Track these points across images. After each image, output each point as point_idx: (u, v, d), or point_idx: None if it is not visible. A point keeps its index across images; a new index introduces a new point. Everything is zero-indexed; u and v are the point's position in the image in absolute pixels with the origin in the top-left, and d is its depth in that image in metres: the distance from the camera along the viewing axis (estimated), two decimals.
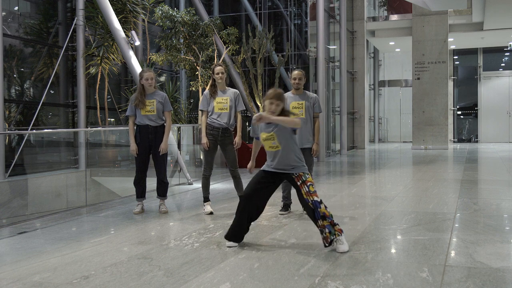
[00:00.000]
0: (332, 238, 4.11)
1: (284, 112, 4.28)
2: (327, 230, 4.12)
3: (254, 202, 4.30)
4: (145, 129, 5.89)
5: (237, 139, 5.92)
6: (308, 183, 4.25)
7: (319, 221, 4.15)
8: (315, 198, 4.19)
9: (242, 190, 5.92)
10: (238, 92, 5.99)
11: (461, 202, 6.43)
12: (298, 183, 4.25)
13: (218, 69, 5.77)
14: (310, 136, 5.70)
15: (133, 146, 5.92)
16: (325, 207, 4.22)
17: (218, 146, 5.94)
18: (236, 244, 4.31)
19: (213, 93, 5.84)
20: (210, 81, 5.89)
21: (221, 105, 5.80)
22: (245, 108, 6.23)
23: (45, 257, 4.11)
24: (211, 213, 5.81)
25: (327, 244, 4.12)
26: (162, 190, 6.08)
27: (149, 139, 5.91)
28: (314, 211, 4.15)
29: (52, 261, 3.97)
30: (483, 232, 4.70)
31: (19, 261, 4.03)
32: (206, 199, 5.98)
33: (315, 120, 5.76)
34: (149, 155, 6.01)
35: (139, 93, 5.90)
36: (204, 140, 5.78)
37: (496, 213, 5.68)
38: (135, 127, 5.99)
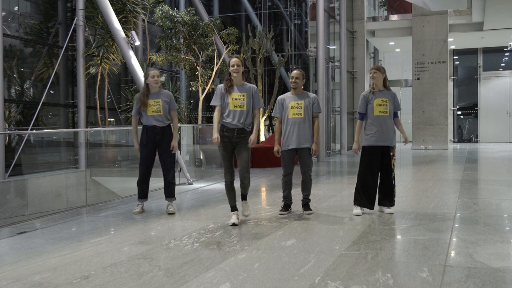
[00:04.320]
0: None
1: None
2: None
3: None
4: (152, 130, 5.83)
5: (253, 137, 5.27)
6: None
7: None
8: None
9: (246, 191, 5.44)
10: (255, 87, 5.38)
11: (461, 202, 6.43)
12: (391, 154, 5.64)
13: (233, 61, 5.18)
14: (309, 136, 5.69)
15: (137, 146, 5.90)
16: None
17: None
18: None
19: (229, 87, 5.21)
20: (226, 75, 5.30)
21: (237, 102, 5.17)
22: (262, 106, 5.61)
23: (45, 257, 4.11)
24: (233, 224, 5.13)
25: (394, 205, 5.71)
26: (170, 191, 6.02)
27: (156, 140, 5.86)
28: None
29: (52, 261, 3.97)
30: (483, 232, 4.70)
31: (19, 261, 4.03)
32: (233, 208, 5.33)
33: (314, 120, 5.76)
34: (154, 156, 5.97)
35: (143, 94, 5.84)
36: (216, 134, 5.18)
37: (496, 213, 5.68)
38: (141, 127, 5.96)
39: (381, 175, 5.67)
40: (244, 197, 5.53)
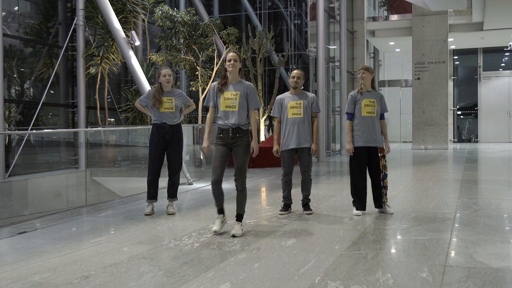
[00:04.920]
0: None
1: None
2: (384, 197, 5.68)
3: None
4: (162, 129, 5.84)
5: (254, 144, 4.78)
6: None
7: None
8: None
9: (241, 209, 4.83)
10: (252, 85, 4.86)
11: (461, 202, 6.43)
12: (380, 155, 5.60)
13: (230, 55, 4.73)
14: (309, 136, 5.69)
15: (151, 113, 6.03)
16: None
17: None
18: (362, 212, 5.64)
19: (223, 85, 4.73)
20: (222, 71, 4.83)
21: (229, 101, 4.69)
22: (260, 106, 5.29)
23: (45, 257, 4.11)
24: (214, 232, 4.73)
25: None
26: (173, 191, 6.03)
27: (166, 139, 5.86)
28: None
29: (52, 261, 3.97)
30: (483, 232, 4.70)
31: (19, 261, 4.03)
32: (219, 210, 4.84)
33: (314, 120, 5.76)
34: (164, 155, 5.97)
35: (157, 91, 5.84)
36: (206, 143, 4.72)
37: (496, 213, 5.68)
38: (151, 126, 5.99)
39: (371, 176, 5.66)
40: (239, 218, 4.82)
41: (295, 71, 5.76)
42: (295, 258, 3.90)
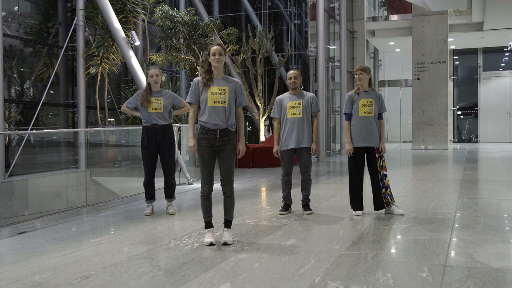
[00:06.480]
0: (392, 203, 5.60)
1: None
2: (388, 197, 5.58)
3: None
4: (152, 130, 5.83)
5: (241, 146, 4.52)
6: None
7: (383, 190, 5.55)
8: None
9: (230, 214, 4.58)
10: (239, 82, 4.60)
11: (461, 202, 6.43)
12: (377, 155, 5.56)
13: (214, 49, 4.40)
14: (308, 136, 5.69)
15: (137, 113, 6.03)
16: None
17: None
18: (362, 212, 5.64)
19: (208, 80, 4.42)
20: (205, 66, 4.49)
21: (217, 97, 4.38)
22: (247, 104, 5.33)
23: (45, 257, 4.12)
24: (211, 244, 4.37)
25: (386, 207, 5.58)
26: (170, 192, 6.04)
27: (157, 140, 5.86)
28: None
29: (52, 261, 3.97)
30: (483, 232, 4.70)
31: (19, 261, 4.03)
32: (208, 224, 4.55)
33: (313, 120, 5.76)
34: (157, 156, 5.97)
35: (145, 91, 5.85)
36: (192, 142, 4.43)
37: (496, 213, 5.68)
38: (141, 127, 5.97)
39: (370, 178, 5.65)
40: (227, 224, 4.56)
41: (291, 72, 5.76)
42: (295, 258, 3.90)
